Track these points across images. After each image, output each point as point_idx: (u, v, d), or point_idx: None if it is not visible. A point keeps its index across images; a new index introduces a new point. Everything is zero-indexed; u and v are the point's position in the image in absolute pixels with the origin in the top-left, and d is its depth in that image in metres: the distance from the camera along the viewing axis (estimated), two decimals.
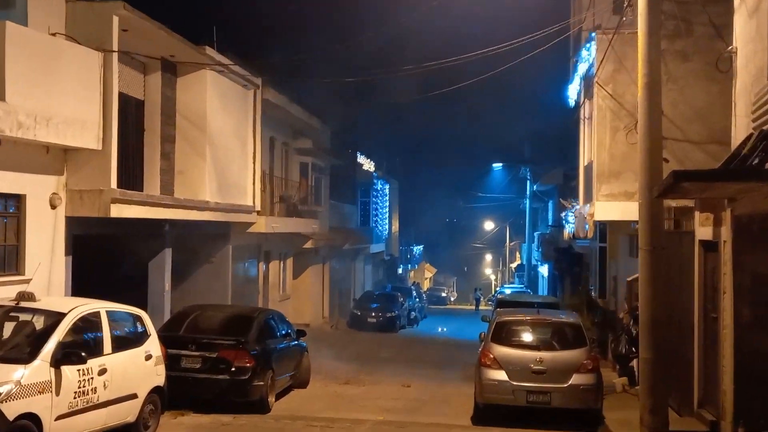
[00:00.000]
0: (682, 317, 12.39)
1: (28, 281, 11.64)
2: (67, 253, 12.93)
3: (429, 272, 72.46)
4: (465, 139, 66.52)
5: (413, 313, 36.30)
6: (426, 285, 68.93)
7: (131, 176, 15.15)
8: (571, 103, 21.69)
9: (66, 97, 12.03)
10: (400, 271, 51.62)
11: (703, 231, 11.41)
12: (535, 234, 43.01)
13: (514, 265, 62.32)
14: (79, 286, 13.20)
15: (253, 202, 20.11)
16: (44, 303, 9.48)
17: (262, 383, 12.47)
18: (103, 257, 15.62)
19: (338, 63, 21.04)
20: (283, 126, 24.89)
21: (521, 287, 43.70)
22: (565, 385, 12.54)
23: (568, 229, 22.58)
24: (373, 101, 33.85)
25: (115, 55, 13.11)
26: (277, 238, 23.70)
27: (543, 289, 40.94)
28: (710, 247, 11.26)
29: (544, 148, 39.70)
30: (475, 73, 17.17)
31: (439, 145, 63.58)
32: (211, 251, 19.27)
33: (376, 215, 40.85)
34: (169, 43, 15.19)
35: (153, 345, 10.54)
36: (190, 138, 16.93)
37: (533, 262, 44.57)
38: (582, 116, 19.83)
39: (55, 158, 12.60)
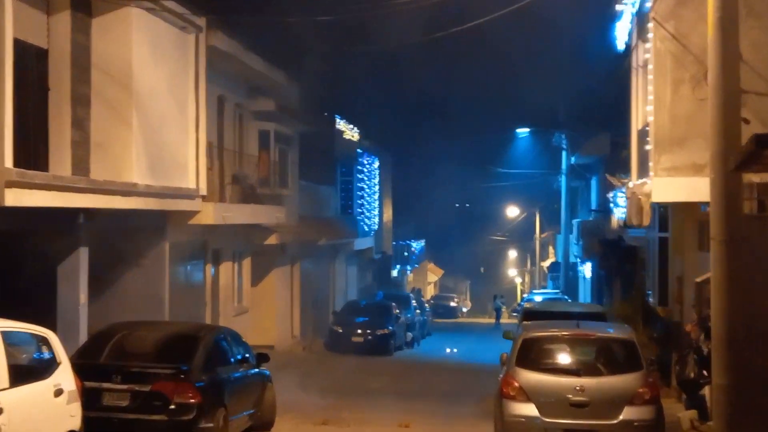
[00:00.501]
0: None
1: None
2: None
3: (434, 275, 72.67)
4: (480, 98, 66.30)
5: (413, 329, 36.39)
6: (430, 292, 69.16)
7: (32, 151, 15.07)
8: (620, 47, 21.68)
9: None
10: (394, 273, 51.68)
11: None
12: (574, 222, 43.13)
13: (546, 264, 62.55)
14: None
15: (197, 185, 20.07)
16: None
17: (211, 425, 12.47)
18: None
19: None
20: (236, 82, 24.81)
21: (556, 293, 43.87)
22: (615, 422, 12.61)
23: (618, 215, 22.65)
24: (358, 48, 33.74)
25: None
26: (229, 231, 23.67)
27: (585, 294, 41.11)
28: None
29: (585, 107, 39.76)
30: (493, 7, 17.13)
31: (445, 107, 63.54)
32: (142, 250, 19.23)
33: (363, 200, 40.88)
34: None
35: (65, 377, 10.50)
36: (110, 99, 16.85)
37: (572, 259, 44.73)
38: (634, 64, 19.83)
39: None
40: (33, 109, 15.27)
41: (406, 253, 55.52)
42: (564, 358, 13.39)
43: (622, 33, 20.79)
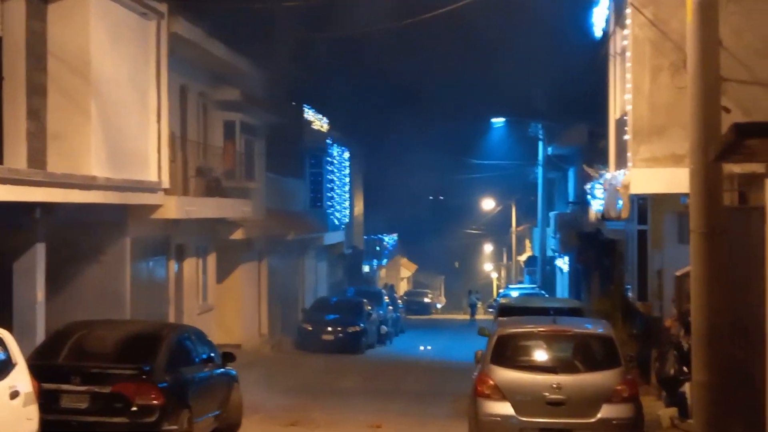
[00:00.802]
0: (750, 324, 12.52)
1: None
2: None
3: (407, 270, 72.81)
4: (455, 87, 66.41)
5: (385, 326, 36.44)
6: (403, 287, 69.26)
7: None
8: (598, 34, 21.78)
9: None
10: (366, 269, 51.74)
11: None
12: (551, 215, 43.33)
13: (522, 258, 62.79)
14: None
15: (159, 177, 19.98)
16: None
17: (175, 427, 12.46)
18: None
19: None
20: (199, 70, 24.70)
21: (533, 288, 44.10)
22: (593, 420, 12.68)
23: (596, 208, 22.74)
24: (327, 35, 33.70)
25: None
26: (193, 226, 23.57)
27: (562, 289, 41.32)
28: None
29: (562, 97, 39.91)
30: None
31: (418, 96, 63.51)
32: (102, 246, 19.12)
33: (332, 193, 40.84)
34: None
35: (20, 378, 10.44)
36: (68, 89, 16.75)
37: (549, 252, 44.93)
38: (612, 52, 19.92)
39: None
40: None
41: (378, 248, 55.57)
42: (540, 355, 13.45)
43: (599, 19, 20.88)
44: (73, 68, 16.80)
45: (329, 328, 30.66)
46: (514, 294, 37.33)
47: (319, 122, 37.68)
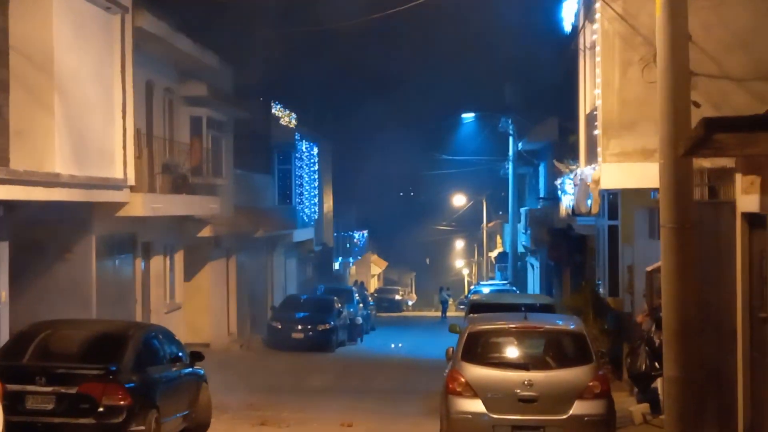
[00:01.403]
0: (721, 319, 12.65)
1: None
2: None
3: (377, 267, 72.85)
4: (424, 82, 66.52)
5: (356, 324, 36.47)
6: (374, 285, 69.31)
7: None
8: (567, 28, 21.86)
9: None
10: (336, 266, 51.72)
11: (747, 200, 11.63)
12: (522, 211, 43.51)
13: (494, 254, 63.03)
14: None
15: (125, 174, 19.89)
16: None
17: (142, 428, 12.44)
18: None
19: None
20: (165, 65, 24.60)
21: (504, 284, 44.25)
22: (565, 417, 12.75)
23: (566, 203, 22.86)
24: (295, 30, 33.67)
25: None
26: (160, 223, 23.50)
27: (534, 285, 41.50)
28: (757, 221, 11.50)
29: (533, 91, 40.09)
30: None
31: (387, 92, 63.58)
32: (66, 244, 19.04)
33: (301, 189, 40.81)
34: None
35: None
36: (30, 84, 16.63)
37: (520, 249, 45.11)
38: (581, 46, 20.02)
39: None
40: None
41: (348, 245, 55.58)
42: (511, 352, 13.50)
43: (569, 14, 20.96)
44: (36, 63, 16.68)
45: (299, 326, 30.64)
46: (485, 290, 37.43)
47: (287, 118, 37.64)
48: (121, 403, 12.19)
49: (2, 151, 16.18)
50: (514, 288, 40.66)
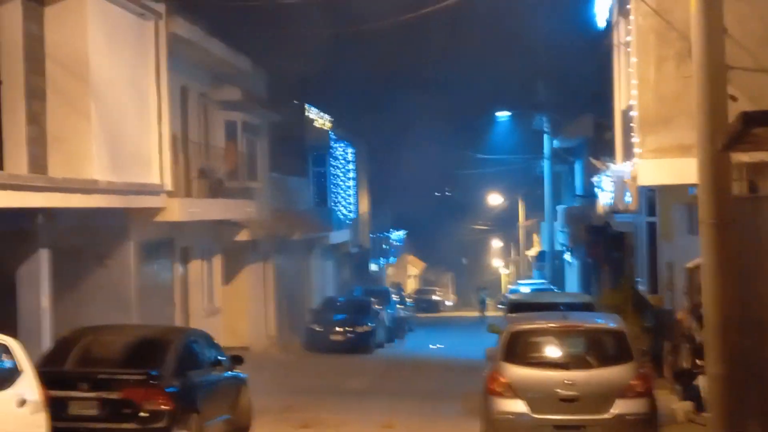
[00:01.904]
0: (762, 315, 12.55)
1: None
2: None
3: (415, 268, 72.85)
4: (458, 81, 66.34)
5: (394, 325, 36.49)
6: (411, 285, 69.29)
7: None
8: (601, 24, 21.79)
9: None
10: (373, 267, 51.72)
11: None
12: (559, 209, 43.31)
13: (531, 253, 62.78)
14: None
15: (161, 180, 20.04)
16: None
17: None
18: None
19: None
20: (199, 70, 24.74)
21: (542, 283, 44.07)
22: (606, 416, 12.71)
23: (604, 200, 22.78)
24: (328, 32, 33.71)
25: None
26: (197, 228, 23.64)
27: (572, 284, 41.32)
28: None
29: (567, 88, 39.89)
30: None
31: (422, 92, 63.47)
32: (106, 250, 19.19)
33: (337, 191, 40.89)
34: None
35: (28, 386, 10.50)
36: (67, 92, 16.80)
37: (558, 247, 44.92)
38: (616, 42, 19.94)
39: None
40: None
41: (384, 246, 55.57)
42: (552, 351, 13.47)
43: (602, 9, 20.89)
44: (72, 71, 16.85)
45: (338, 329, 30.71)
46: (524, 290, 37.34)
47: (321, 120, 37.73)
48: (163, 407, 12.26)
49: (40, 158, 16.36)
50: (553, 287, 40.50)
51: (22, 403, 10.33)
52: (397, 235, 60.08)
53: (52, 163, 16.56)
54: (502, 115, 49.19)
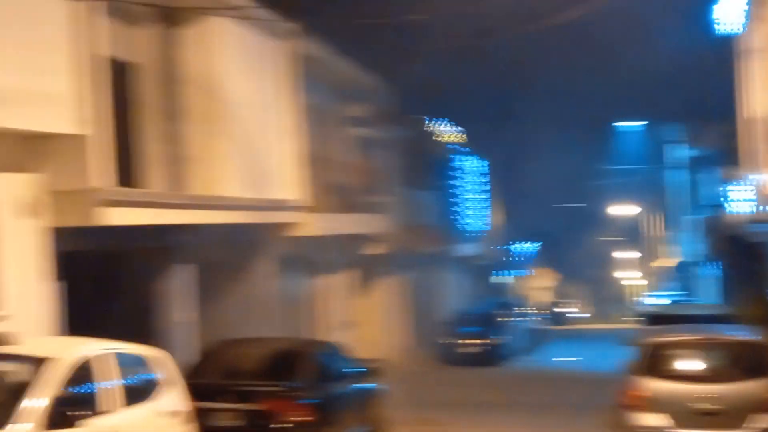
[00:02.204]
0: None
1: (1, 319, 12.10)
2: (54, 278, 13.39)
3: (548, 280, 72.11)
4: (586, 92, 65.60)
5: (526, 337, 36.27)
6: (544, 298, 68.64)
7: (127, 168, 15.48)
8: (724, 29, 21.25)
9: (30, 67, 12.38)
10: (504, 279, 51.48)
11: None
12: (695, 218, 42.42)
13: (667, 264, 61.53)
14: (71, 321, 13.66)
15: (296, 195, 20.39)
16: (30, 347, 9.85)
17: None
18: (98, 281, 16.08)
19: None
20: (330, 88, 25.09)
21: (678, 294, 43.18)
22: (750, 431, 12.43)
23: (740, 210, 22.27)
24: (455, 46, 33.79)
25: (98, 5, 13.50)
26: (331, 242, 23.95)
27: (710, 295, 40.34)
28: None
29: (694, 96, 39.08)
30: None
31: (549, 101, 62.96)
32: (244, 265, 19.59)
33: (467, 204, 40.89)
34: None
35: (178, 397, 10.83)
36: (203, 112, 17.20)
37: (694, 258, 43.95)
38: (744, 48, 19.47)
39: (22, 150, 12.98)
40: (126, 126, 15.75)
41: (516, 258, 55.28)
42: (692, 364, 13.27)
43: (725, 16, 20.43)
44: (208, 92, 17.27)
45: (469, 341, 30.71)
46: (662, 301, 36.67)
47: (450, 133, 37.83)
48: (305, 419, 12.44)
49: (179, 177, 16.83)
50: (691, 298, 39.67)
51: (173, 414, 10.67)
52: (529, 246, 59.70)
53: (190, 180, 17.03)
54: (630, 125, 48.56)
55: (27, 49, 12.33)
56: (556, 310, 61.40)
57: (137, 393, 10.25)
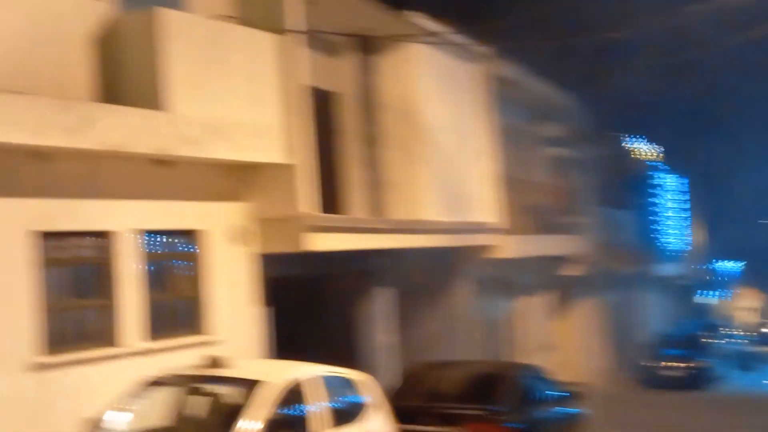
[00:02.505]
0: None
1: (214, 343, 12.62)
2: (263, 303, 13.87)
3: (752, 300, 69.33)
4: None
5: (732, 360, 35.05)
6: (748, 318, 65.98)
7: (330, 194, 15.90)
8: None
9: (242, 99, 12.96)
10: (706, 300, 49.89)
11: None
12: None
13: None
14: (279, 344, 14.11)
15: (492, 218, 20.41)
16: (242, 370, 10.21)
17: None
18: (303, 305, 16.53)
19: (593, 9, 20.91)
20: (523, 109, 25.03)
21: None
22: None
23: None
24: (652, 60, 33.09)
25: (301, 37, 13.94)
26: (527, 264, 23.81)
27: None
28: None
29: None
30: None
31: (746, 116, 60.69)
32: (441, 288, 19.76)
33: (666, 222, 39.91)
34: (366, 13, 15.89)
35: (385, 420, 11.01)
36: (401, 137, 17.52)
37: None
38: None
39: (234, 180, 13.58)
40: (328, 154, 16.16)
41: (719, 277, 53.51)
42: None
43: None
44: (405, 117, 17.54)
45: (672, 364, 29.94)
46: None
47: (648, 151, 37.07)
48: None
49: (377, 202, 17.14)
50: None
51: None
52: (733, 265, 57.63)
53: (389, 205, 17.33)
54: None
55: (239, 84, 12.92)
56: (764, 330, 58.99)
57: (345, 416, 10.48)
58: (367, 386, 11.10)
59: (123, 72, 11.95)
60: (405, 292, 17.95)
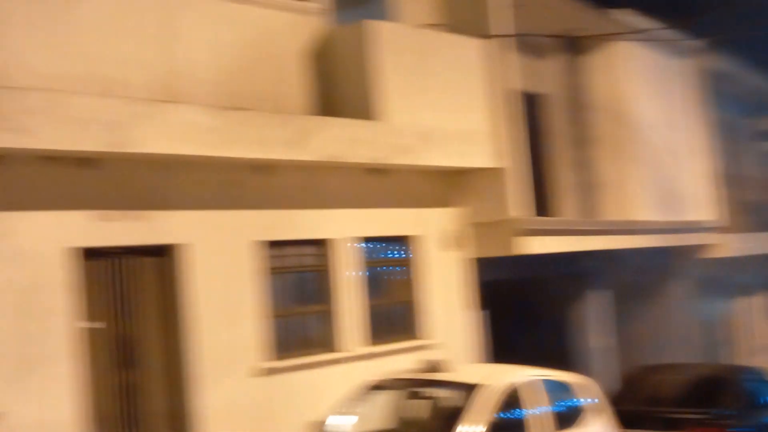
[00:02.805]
0: None
1: (429, 347, 12.78)
2: (478, 307, 13.96)
3: None
4: None
5: None
6: None
7: (541, 197, 15.91)
8: None
9: (450, 105, 13.09)
10: None
11: None
12: None
13: None
14: (493, 348, 14.15)
15: (710, 216, 19.84)
16: (460, 374, 10.27)
17: None
18: (516, 308, 16.51)
19: None
20: (739, 103, 24.21)
21: None
22: None
23: None
24: None
25: (508, 41, 13.98)
26: (747, 263, 23.00)
27: None
28: None
29: None
30: None
31: None
32: (658, 289, 19.37)
33: None
34: (572, 14, 15.76)
35: (607, 424, 10.87)
36: (612, 137, 17.31)
37: None
38: None
39: (445, 185, 13.74)
40: (538, 156, 16.14)
41: None
42: None
43: None
44: (616, 117, 17.32)
45: None
46: None
47: None
48: None
49: (588, 204, 16.98)
50: None
51: None
52: None
53: (601, 206, 17.12)
54: None
55: (447, 90, 13.08)
56: None
57: (565, 419, 10.38)
58: (586, 389, 10.99)
59: (336, 84, 12.30)
60: (619, 294, 17.68)
